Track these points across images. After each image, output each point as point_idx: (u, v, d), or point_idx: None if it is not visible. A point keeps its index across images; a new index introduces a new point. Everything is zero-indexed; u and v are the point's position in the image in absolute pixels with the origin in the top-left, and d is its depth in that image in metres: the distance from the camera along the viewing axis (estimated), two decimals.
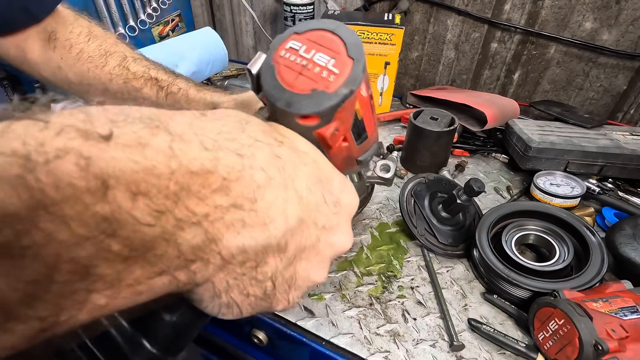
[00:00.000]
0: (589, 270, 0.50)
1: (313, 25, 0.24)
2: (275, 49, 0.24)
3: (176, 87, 0.59)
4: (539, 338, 0.46)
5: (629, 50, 0.87)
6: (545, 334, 0.45)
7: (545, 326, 0.45)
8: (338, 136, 0.25)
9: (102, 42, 0.58)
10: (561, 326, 0.43)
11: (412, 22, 1.07)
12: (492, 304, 0.53)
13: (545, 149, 0.72)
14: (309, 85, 0.22)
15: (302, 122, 0.23)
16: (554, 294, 0.46)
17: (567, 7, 0.89)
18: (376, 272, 0.57)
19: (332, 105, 0.22)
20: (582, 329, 0.41)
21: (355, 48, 0.23)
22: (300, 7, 0.99)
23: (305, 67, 0.23)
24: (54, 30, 0.55)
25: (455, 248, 0.60)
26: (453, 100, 0.89)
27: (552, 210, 0.58)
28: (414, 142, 0.76)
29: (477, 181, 0.55)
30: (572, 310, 0.42)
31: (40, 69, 0.57)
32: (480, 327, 0.48)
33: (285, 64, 0.23)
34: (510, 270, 0.51)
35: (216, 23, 1.43)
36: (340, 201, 0.24)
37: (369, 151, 0.31)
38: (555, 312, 0.44)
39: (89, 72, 0.57)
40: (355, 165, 0.31)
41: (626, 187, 0.73)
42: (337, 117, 0.24)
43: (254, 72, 0.24)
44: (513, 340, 0.47)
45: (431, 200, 0.63)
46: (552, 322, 0.44)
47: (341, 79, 0.22)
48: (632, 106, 0.91)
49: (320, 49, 0.23)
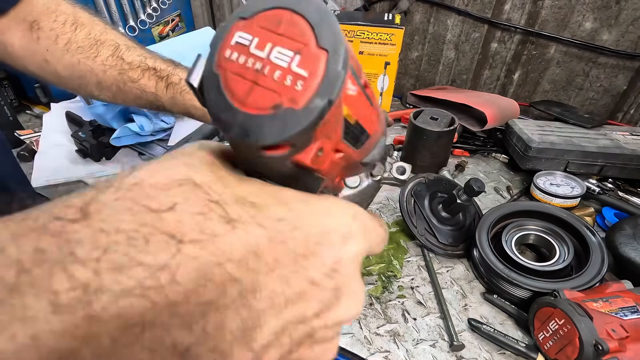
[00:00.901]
0: (589, 270, 0.50)
1: (264, 3, 0.16)
2: (217, 48, 0.17)
3: (177, 77, 0.54)
4: (539, 338, 0.46)
5: (629, 50, 0.87)
6: (545, 333, 0.45)
7: (546, 326, 0.45)
8: (325, 156, 0.19)
9: (91, 29, 0.52)
10: (561, 326, 0.43)
11: (412, 22, 1.07)
12: (492, 304, 0.53)
13: (545, 149, 0.72)
14: (269, 100, 0.16)
15: (269, 154, 0.16)
16: (554, 294, 0.46)
17: (567, 7, 0.89)
18: (376, 272, 0.57)
19: (306, 126, 0.16)
20: (582, 329, 0.41)
21: (327, 30, 0.16)
22: None
23: (260, 73, 0.16)
24: (36, 20, 0.50)
25: (455, 248, 0.60)
26: (453, 100, 0.89)
27: (552, 210, 0.58)
28: (414, 142, 0.76)
29: (477, 181, 0.55)
30: (573, 310, 0.42)
31: (26, 63, 0.52)
32: (480, 327, 0.48)
33: (232, 70, 0.16)
34: (510, 270, 0.51)
35: (216, 23, 1.43)
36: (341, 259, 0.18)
37: (375, 149, 0.25)
38: (555, 312, 0.44)
39: (80, 64, 0.52)
40: (361, 168, 0.26)
41: (626, 187, 0.73)
42: (317, 135, 0.17)
43: (196, 86, 0.17)
44: (513, 340, 0.47)
45: (431, 200, 0.63)
46: (552, 322, 0.44)
47: (313, 84, 0.16)
48: (632, 106, 0.91)
49: (279, 41, 0.16)
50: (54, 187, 0.73)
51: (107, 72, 0.53)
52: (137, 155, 0.82)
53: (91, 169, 0.77)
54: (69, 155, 0.80)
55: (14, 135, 0.83)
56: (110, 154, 0.80)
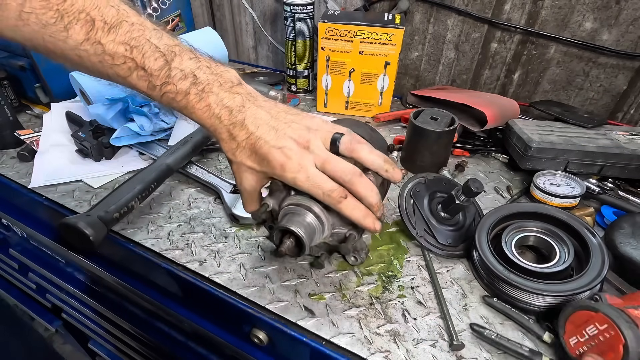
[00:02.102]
0: (589, 272, 0.49)
1: None
2: None
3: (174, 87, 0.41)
4: (569, 342, 0.44)
5: (629, 50, 0.87)
6: (579, 338, 0.43)
7: (581, 330, 0.43)
8: None
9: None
10: (602, 331, 0.41)
11: (412, 22, 1.08)
12: (492, 307, 0.52)
13: (545, 148, 0.72)
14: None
15: None
16: (594, 298, 0.44)
17: (567, 7, 0.89)
18: (376, 272, 0.57)
19: None
20: (628, 336, 0.38)
21: None
22: (300, 7, 0.99)
23: None
24: None
25: (454, 248, 0.60)
26: (453, 100, 0.89)
27: (552, 211, 0.58)
28: (414, 142, 0.76)
29: (475, 182, 0.55)
30: (619, 316, 0.40)
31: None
32: (483, 332, 0.47)
33: None
34: (509, 272, 0.51)
35: (216, 23, 1.43)
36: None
37: None
38: (596, 317, 0.41)
39: (47, 44, 0.39)
40: None
41: (626, 187, 0.73)
42: None
43: None
44: (517, 344, 0.46)
45: (430, 201, 0.63)
46: (590, 326, 0.42)
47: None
48: (632, 106, 0.91)
49: None
50: (54, 187, 0.73)
51: (84, 59, 0.40)
52: (137, 155, 0.82)
53: (91, 169, 0.77)
54: (69, 155, 0.80)
55: (14, 135, 0.83)
56: (110, 154, 0.80)
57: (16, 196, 0.76)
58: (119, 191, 0.60)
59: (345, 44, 0.91)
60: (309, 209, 0.47)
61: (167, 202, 0.71)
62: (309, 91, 1.15)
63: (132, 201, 0.59)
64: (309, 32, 1.04)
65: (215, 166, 0.81)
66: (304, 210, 0.47)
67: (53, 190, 0.72)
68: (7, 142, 0.83)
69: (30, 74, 0.94)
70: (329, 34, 0.90)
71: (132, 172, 0.77)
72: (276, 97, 0.91)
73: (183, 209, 0.69)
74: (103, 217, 0.55)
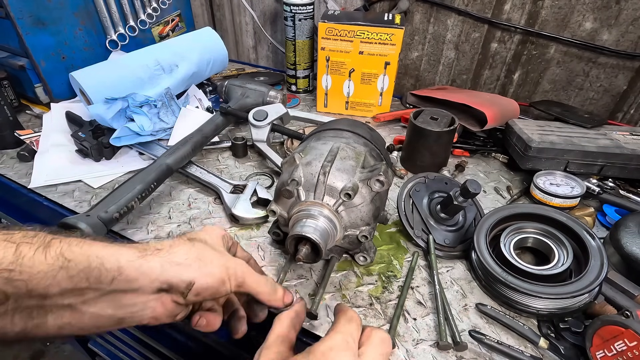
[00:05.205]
0: (587, 275, 0.49)
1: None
2: None
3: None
4: (596, 356, 0.44)
5: (629, 50, 0.87)
6: (606, 352, 0.43)
7: (609, 345, 0.42)
8: None
9: None
10: (631, 348, 0.40)
11: (412, 22, 1.08)
12: (486, 315, 0.51)
13: (545, 148, 0.72)
14: None
15: None
16: (625, 313, 0.43)
17: (567, 7, 0.89)
18: (376, 272, 0.57)
19: None
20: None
21: None
22: (300, 7, 0.99)
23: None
24: None
25: (452, 249, 0.60)
26: (453, 100, 0.89)
27: (551, 213, 0.57)
28: (414, 142, 0.76)
29: (472, 183, 0.55)
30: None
31: None
32: (482, 339, 0.47)
33: None
34: (508, 274, 0.51)
35: (216, 23, 1.43)
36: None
37: None
38: (626, 333, 0.41)
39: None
40: None
41: (626, 187, 0.73)
42: None
43: None
44: (518, 351, 0.46)
45: (430, 201, 0.63)
46: (619, 342, 0.41)
47: None
48: (632, 106, 0.91)
49: None
50: (54, 187, 0.73)
51: None
52: (137, 155, 0.82)
53: (91, 169, 0.77)
54: (69, 155, 0.80)
55: (14, 135, 0.83)
56: (110, 154, 0.80)
57: (16, 196, 0.76)
58: (119, 191, 0.60)
59: (345, 44, 0.91)
60: (320, 213, 0.47)
61: (167, 202, 0.71)
62: (309, 91, 1.15)
63: (132, 201, 0.59)
64: (309, 32, 1.04)
65: (215, 166, 0.81)
66: (316, 215, 0.47)
67: (53, 190, 0.72)
68: (7, 142, 0.83)
69: (30, 74, 0.94)
70: (329, 34, 0.90)
71: (132, 172, 0.77)
72: (276, 97, 0.91)
73: (183, 209, 0.69)
74: (103, 217, 0.55)
